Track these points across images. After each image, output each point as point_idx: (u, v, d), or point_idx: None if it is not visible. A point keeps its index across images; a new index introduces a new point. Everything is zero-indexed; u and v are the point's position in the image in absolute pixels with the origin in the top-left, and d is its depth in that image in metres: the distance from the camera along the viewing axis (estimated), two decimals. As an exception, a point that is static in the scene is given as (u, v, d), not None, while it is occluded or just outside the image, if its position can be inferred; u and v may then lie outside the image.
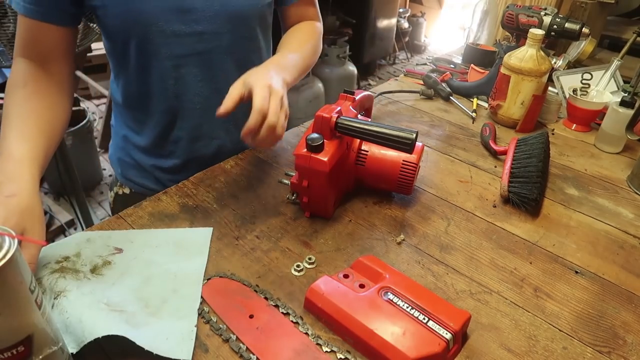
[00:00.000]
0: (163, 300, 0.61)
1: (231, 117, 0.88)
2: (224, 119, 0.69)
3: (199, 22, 0.80)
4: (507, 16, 1.22)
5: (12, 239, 0.42)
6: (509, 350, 0.60)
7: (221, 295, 0.63)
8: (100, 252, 0.67)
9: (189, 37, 0.80)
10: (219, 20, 0.81)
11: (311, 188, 0.73)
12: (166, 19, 0.77)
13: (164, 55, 0.81)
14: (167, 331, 0.57)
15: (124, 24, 0.77)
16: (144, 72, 0.83)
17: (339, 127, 0.71)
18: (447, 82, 1.32)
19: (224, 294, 0.63)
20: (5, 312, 0.42)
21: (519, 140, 0.96)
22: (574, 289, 0.70)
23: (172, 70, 0.83)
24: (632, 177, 0.96)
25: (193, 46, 0.82)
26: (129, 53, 0.82)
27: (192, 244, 0.71)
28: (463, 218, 0.82)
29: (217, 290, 0.64)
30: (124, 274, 0.64)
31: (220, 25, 0.82)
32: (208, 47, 0.83)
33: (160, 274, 0.65)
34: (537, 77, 1.06)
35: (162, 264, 0.67)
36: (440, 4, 4.87)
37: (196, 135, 0.92)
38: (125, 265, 0.66)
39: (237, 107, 0.70)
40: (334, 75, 3.30)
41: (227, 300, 0.62)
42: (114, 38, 0.82)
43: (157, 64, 0.82)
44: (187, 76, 0.84)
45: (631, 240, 0.80)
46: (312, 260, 0.70)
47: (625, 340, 0.62)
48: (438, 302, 0.61)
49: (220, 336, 0.58)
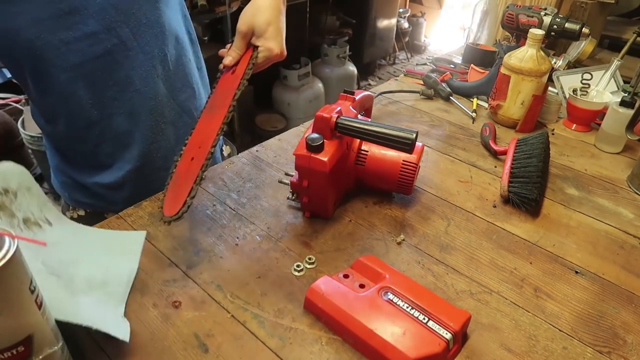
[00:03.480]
0: (90, 287, 0.59)
1: (161, 117, 0.85)
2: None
3: (86, 22, 0.70)
4: (507, 16, 1.22)
5: (12, 239, 0.42)
6: (509, 350, 0.60)
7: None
8: (34, 211, 0.61)
9: (80, 41, 0.71)
10: (109, 14, 0.72)
11: (311, 188, 0.73)
12: (47, 28, 0.68)
13: (59, 69, 0.72)
14: (103, 309, 0.55)
15: (4, 47, 0.69)
16: (47, 92, 0.75)
17: (339, 127, 0.71)
18: (447, 82, 1.32)
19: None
20: (5, 312, 0.42)
21: (519, 140, 0.96)
22: (574, 289, 0.70)
23: (75, 82, 0.74)
24: (632, 177, 0.96)
25: (88, 50, 0.72)
26: (24, 76, 0.73)
27: (124, 246, 0.68)
28: (463, 218, 0.82)
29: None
30: (54, 245, 0.60)
31: (112, 19, 0.72)
32: (105, 47, 0.73)
33: (91, 261, 0.62)
34: (537, 77, 1.06)
35: (92, 253, 0.64)
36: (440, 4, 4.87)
37: (127, 143, 0.84)
38: (55, 239, 0.61)
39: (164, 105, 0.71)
40: (334, 75, 3.30)
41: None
42: (5, 65, 0.74)
43: (54, 81, 0.74)
44: (94, 84, 0.76)
45: (631, 240, 0.80)
46: (312, 260, 0.70)
47: (625, 340, 0.62)
48: (438, 302, 0.61)
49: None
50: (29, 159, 2.49)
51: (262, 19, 0.70)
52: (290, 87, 3.03)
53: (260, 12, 0.70)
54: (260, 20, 0.70)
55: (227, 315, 0.62)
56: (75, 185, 0.90)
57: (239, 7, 2.47)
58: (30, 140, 2.23)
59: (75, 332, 0.58)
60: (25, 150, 2.44)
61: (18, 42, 0.68)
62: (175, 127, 0.88)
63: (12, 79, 2.85)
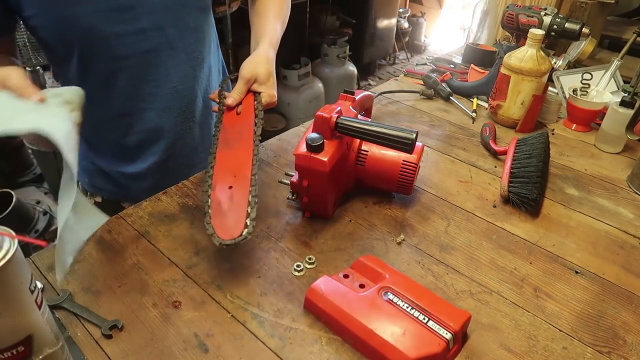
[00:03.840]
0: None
1: (190, 116, 0.90)
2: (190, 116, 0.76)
3: (139, 18, 0.76)
4: (507, 16, 1.22)
5: (12, 239, 0.42)
6: (509, 350, 0.60)
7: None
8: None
9: (131, 36, 0.77)
10: (160, 14, 0.78)
11: (311, 188, 0.73)
12: (104, 20, 0.74)
13: (107, 59, 0.78)
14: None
15: (60, 32, 0.74)
16: (89, 80, 0.79)
17: (339, 127, 0.71)
18: (447, 82, 1.32)
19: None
20: (5, 312, 0.42)
21: (519, 140, 0.96)
22: (574, 289, 0.70)
23: (117, 73, 0.80)
24: (632, 177, 0.96)
25: (136, 45, 0.78)
26: (70, 61, 0.78)
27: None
28: (463, 218, 0.82)
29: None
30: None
31: (162, 19, 0.79)
32: (153, 44, 0.80)
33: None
34: (537, 77, 1.06)
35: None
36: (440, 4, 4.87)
37: (155, 137, 0.89)
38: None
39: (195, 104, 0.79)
40: (334, 75, 3.30)
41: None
42: (52, 48, 0.78)
43: (100, 68, 0.79)
44: (136, 77, 0.81)
45: (631, 240, 0.80)
46: (312, 260, 0.70)
47: (625, 340, 0.62)
48: (438, 302, 0.61)
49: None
50: (29, 159, 2.49)
51: (264, 70, 0.79)
52: (290, 87, 3.03)
53: (261, 64, 0.79)
54: (262, 70, 0.79)
55: (227, 315, 0.62)
56: (97, 171, 0.94)
57: (239, 7, 2.48)
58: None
59: (75, 332, 0.59)
60: (25, 150, 2.44)
61: (75, 29, 0.73)
62: (201, 127, 0.94)
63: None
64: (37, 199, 2.26)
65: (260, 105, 0.78)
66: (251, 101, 0.79)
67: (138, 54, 0.79)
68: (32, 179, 2.49)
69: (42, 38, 0.76)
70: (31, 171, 2.51)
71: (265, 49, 0.83)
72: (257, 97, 0.79)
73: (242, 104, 0.79)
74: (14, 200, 1.98)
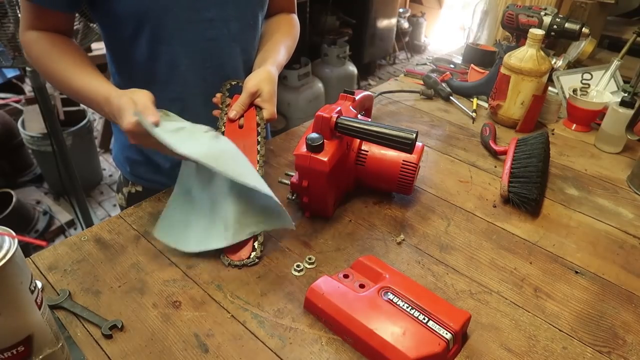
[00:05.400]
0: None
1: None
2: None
3: (209, 8, 0.81)
4: (507, 16, 1.22)
5: (12, 239, 0.42)
6: (509, 350, 0.60)
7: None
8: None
9: (200, 23, 0.82)
10: (228, 7, 0.83)
11: (311, 188, 0.73)
12: (180, 5, 0.79)
13: (176, 42, 0.82)
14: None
15: (138, 11, 0.78)
16: (153, 60, 0.84)
17: (339, 127, 0.71)
18: (447, 82, 1.32)
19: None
20: (5, 312, 0.42)
21: (519, 140, 0.96)
22: (574, 289, 0.70)
23: (183, 57, 0.84)
24: (632, 177, 0.96)
25: (203, 33, 0.83)
26: (138, 42, 0.82)
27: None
28: (463, 218, 0.82)
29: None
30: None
31: (229, 12, 0.84)
32: (217, 34, 0.84)
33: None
34: (537, 77, 1.06)
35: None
36: (440, 4, 4.87)
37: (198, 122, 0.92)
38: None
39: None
40: (334, 75, 3.30)
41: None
42: (124, 25, 0.81)
43: (168, 51, 0.83)
44: (196, 63, 0.85)
45: (631, 240, 0.80)
46: (312, 260, 0.70)
47: (625, 340, 0.62)
48: (438, 302, 0.61)
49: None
50: (29, 159, 2.50)
51: (268, 88, 0.81)
52: (290, 87, 3.02)
53: (266, 81, 0.82)
54: (267, 88, 0.81)
55: (227, 315, 0.62)
56: (140, 161, 0.96)
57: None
58: (30, 140, 2.23)
59: (75, 332, 0.59)
60: (25, 150, 2.44)
61: (154, 8, 0.78)
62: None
63: (12, 79, 2.86)
64: (37, 199, 2.26)
65: (262, 122, 0.79)
66: (253, 115, 0.80)
67: (202, 41, 0.84)
68: (32, 179, 2.49)
69: (116, 11, 0.78)
70: (31, 171, 2.51)
71: (271, 68, 0.85)
72: (259, 113, 0.80)
73: (244, 117, 0.80)
74: (14, 200, 1.98)
